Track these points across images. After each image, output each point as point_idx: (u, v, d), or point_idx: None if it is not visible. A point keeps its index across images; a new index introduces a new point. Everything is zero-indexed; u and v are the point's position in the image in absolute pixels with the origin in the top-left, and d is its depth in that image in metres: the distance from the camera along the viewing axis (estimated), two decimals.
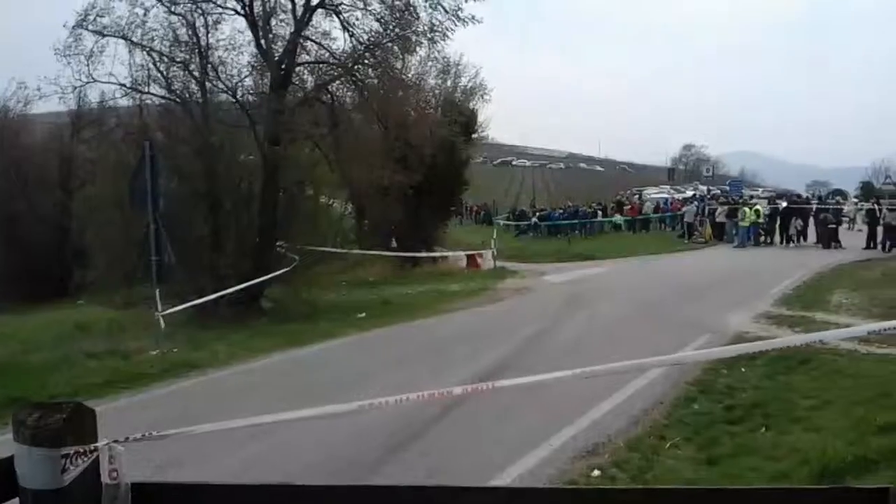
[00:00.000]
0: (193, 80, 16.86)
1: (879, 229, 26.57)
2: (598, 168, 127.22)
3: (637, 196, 57.14)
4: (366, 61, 17.61)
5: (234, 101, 17.27)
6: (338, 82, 18.04)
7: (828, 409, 7.23)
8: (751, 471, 5.73)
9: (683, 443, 6.63)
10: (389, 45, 17.69)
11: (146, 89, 16.80)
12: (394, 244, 28.08)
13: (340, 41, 17.66)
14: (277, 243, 17.05)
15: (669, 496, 2.38)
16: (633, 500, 2.30)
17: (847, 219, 35.70)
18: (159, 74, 16.67)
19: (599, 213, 44.51)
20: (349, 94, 18.62)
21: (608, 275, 22.44)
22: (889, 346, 9.56)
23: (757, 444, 6.43)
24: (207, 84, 16.82)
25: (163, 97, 17.05)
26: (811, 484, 4.93)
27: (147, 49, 16.46)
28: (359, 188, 19.14)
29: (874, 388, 7.62)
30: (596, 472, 5.99)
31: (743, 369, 9.11)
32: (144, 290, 13.66)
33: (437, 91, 27.88)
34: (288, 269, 16.26)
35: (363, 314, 15.27)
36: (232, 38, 17.02)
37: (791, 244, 29.54)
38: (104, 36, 16.11)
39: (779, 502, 2.19)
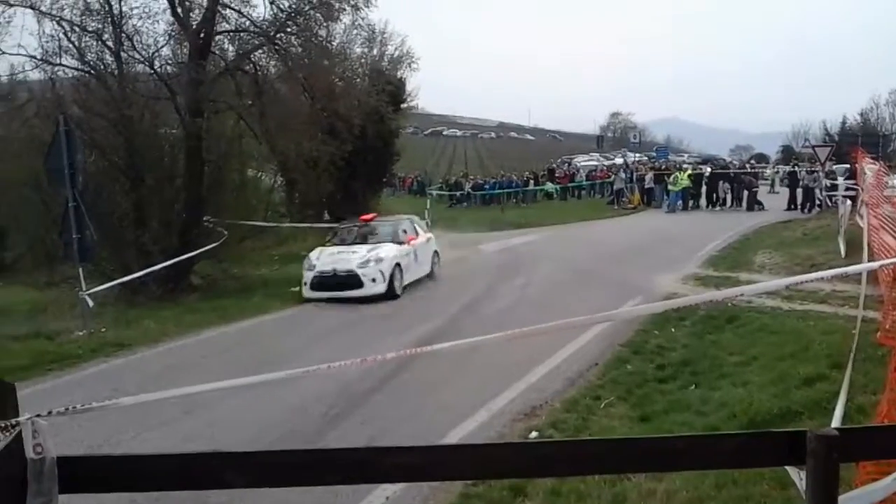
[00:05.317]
0: (108, 51, 16.17)
1: (799, 191, 27.57)
2: (529, 137, 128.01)
3: (567, 164, 57.69)
4: (288, 29, 17.20)
5: (151, 71, 16.63)
6: (261, 51, 17.57)
7: (753, 364, 7.52)
8: (682, 426, 5.90)
9: (617, 402, 6.79)
10: (312, 12, 17.33)
11: (58, 61, 16.02)
12: (326, 217, 27.73)
13: (261, 8, 17.18)
14: (205, 218, 16.62)
15: (597, 446, 2.41)
16: (561, 451, 2.33)
17: (767, 181, 36.92)
18: (71, 45, 15.93)
19: (531, 181, 44.84)
20: (273, 63, 18.15)
21: (542, 242, 22.68)
22: (810, 303, 9.96)
23: (687, 400, 6.63)
24: (123, 55, 16.15)
25: (76, 69, 16.32)
26: None
27: (57, 18, 15.66)
28: (287, 160, 18.75)
29: (796, 343, 7.93)
30: (534, 434, 6.08)
31: (673, 329, 9.36)
32: (67, 269, 13.19)
33: (363, 60, 27.42)
34: (217, 244, 15.88)
35: (297, 288, 15.05)
36: (146, 5, 16.33)
37: (717, 208, 30.45)
38: (10, 5, 15.26)
39: (702, 448, 2.26)
